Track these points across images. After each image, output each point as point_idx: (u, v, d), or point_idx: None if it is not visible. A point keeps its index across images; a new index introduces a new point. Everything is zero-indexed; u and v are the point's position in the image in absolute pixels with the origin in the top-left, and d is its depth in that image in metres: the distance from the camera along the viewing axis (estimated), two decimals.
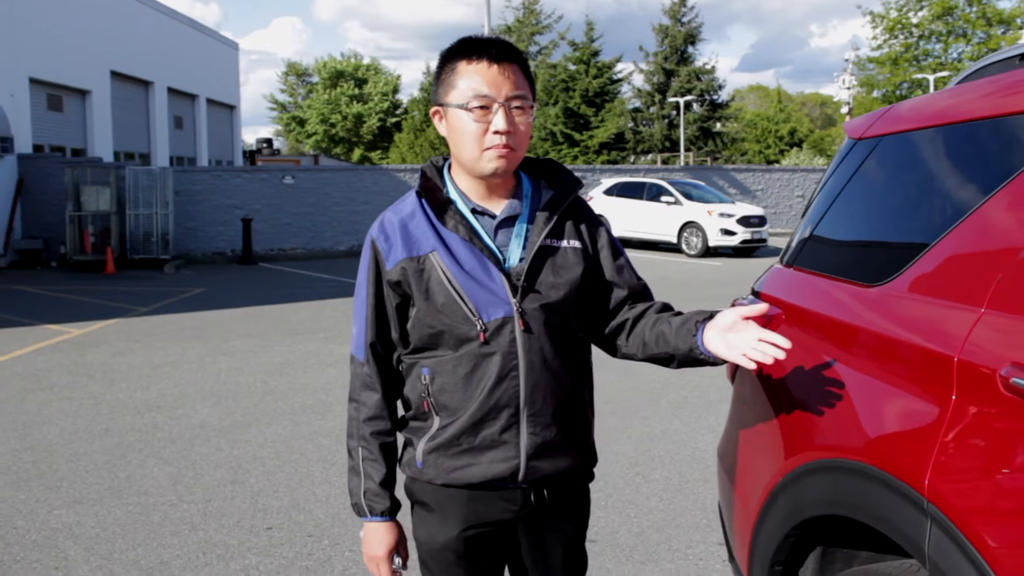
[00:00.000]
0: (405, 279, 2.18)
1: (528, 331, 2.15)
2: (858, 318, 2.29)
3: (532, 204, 2.25)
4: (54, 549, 4.64)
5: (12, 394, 8.14)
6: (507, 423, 2.18)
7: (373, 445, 2.27)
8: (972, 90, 2.27)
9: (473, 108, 2.11)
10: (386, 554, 2.29)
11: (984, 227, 1.99)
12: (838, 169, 2.77)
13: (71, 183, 20.44)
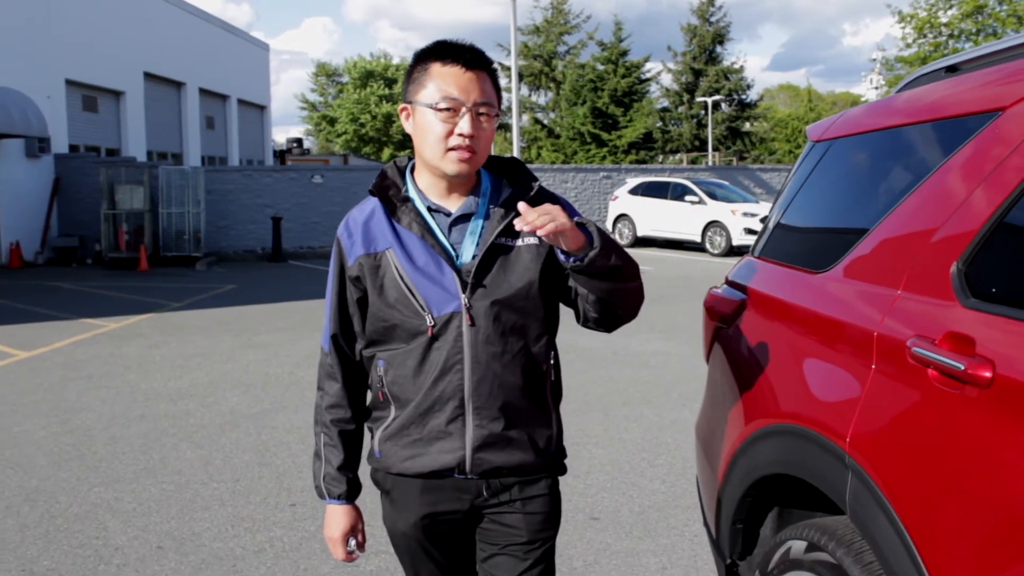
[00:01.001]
0: (362, 274, 2.26)
1: (474, 326, 2.20)
2: (805, 301, 2.59)
3: (490, 202, 2.29)
4: (95, 521, 5.01)
5: (53, 383, 8.55)
6: (452, 415, 2.24)
7: (332, 432, 2.37)
8: (901, 99, 2.57)
9: (441, 109, 2.16)
10: (341, 536, 2.39)
11: (902, 221, 2.29)
12: (800, 168, 3.08)
13: (106, 182, 20.96)
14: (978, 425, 1.81)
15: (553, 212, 2.02)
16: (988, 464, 1.77)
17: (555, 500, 2.39)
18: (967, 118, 2.20)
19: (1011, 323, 1.82)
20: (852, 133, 2.78)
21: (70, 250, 21.45)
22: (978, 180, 2.06)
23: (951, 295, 2.01)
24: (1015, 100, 2.05)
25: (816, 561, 2.35)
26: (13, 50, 20.64)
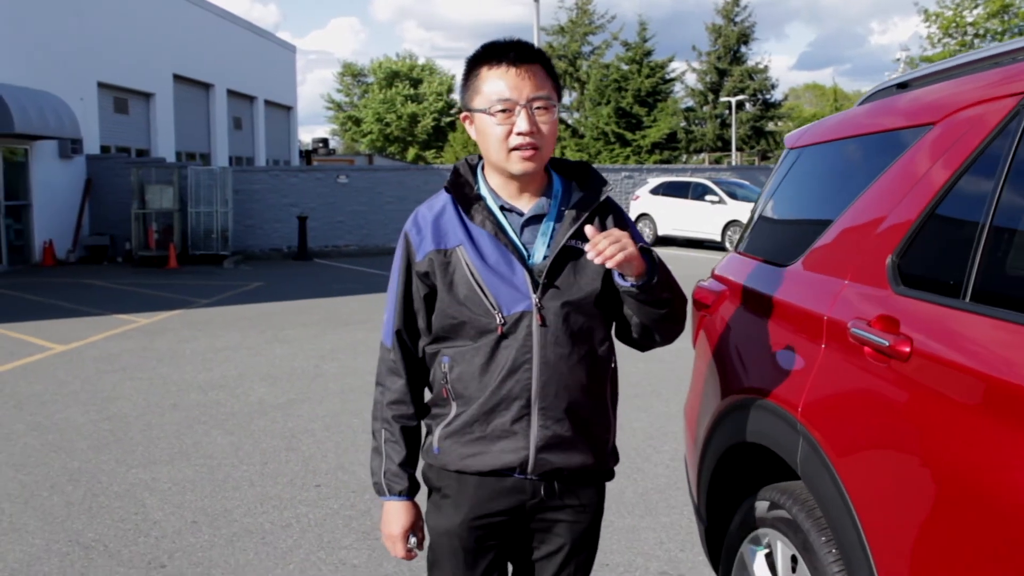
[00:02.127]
0: (432, 270, 2.26)
1: (545, 326, 2.21)
2: (772, 290, 2.91)
3: (561, 204, 2.30)
4: (133, 499, 5.38)
5: (90, 374, 8.95)
6: (518, 414, 2.23)
7: (395, 428, 2.35)
8: (859, 111, 2.88)
9: (496, 112, 2.17)
10: (402, 533, 2.37)
11: (851, 221, 2.61)
12: (776, 172, 3.40)
13: (136, 182, 21.45)
14: (901, 392, 2.13)
15: (623, 241, 2.05)
16: (909, 426, 2.09)
17: (601, 506, 2.44)
18: (907, 131, 2.52)
19: (929, 306, 2.14)
20: (818, 142, 3.10)
21: (101, 249, 21.96)
22: (911, 185, 2.38)
23: (886, 283, 2.33)
24: (944, 115, 2.36)
25: (776, 518, 2.67)
26: (47, 54, 21.17)
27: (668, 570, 4.40)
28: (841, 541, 2.29)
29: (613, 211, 2.35)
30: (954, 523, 1.89)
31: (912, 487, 2.04)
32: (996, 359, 1.88)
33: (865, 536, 2.18)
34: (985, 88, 2.24)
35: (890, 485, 2.12)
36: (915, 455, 2.05)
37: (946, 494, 1.93)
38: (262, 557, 4.53)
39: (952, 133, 2.29)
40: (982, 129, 2.17)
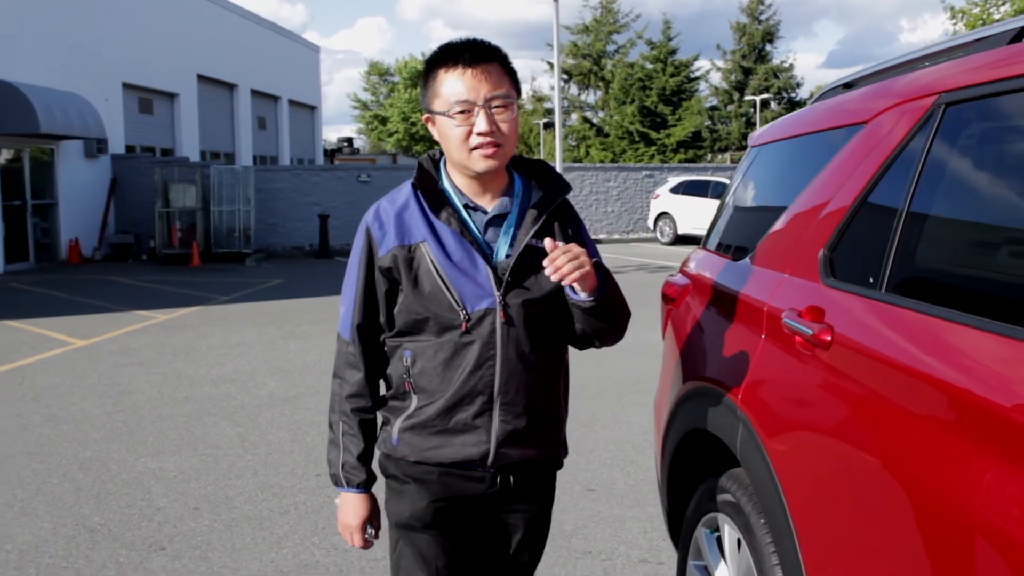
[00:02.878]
0: (395, 266, 2.27)
1: (508, 323, 2.24)
2: (725, 283, 3.04)
3: (522, 203, 2.33)
4: (140, 486, 5.57)
5: (107, 368, 9.19)
6: (480, 409, 2.28)
7: (353, 421, 2.38)
8: (808, 111, 3.02)
9: (455, 114, 2.20)
10: (359, 524, 2.42)
11: (791, 218, 2.75)
12: (738, 170, 3.53)
13: (160, 181, 21.77)
14: (824, 378, 2.26)
15: (581, 259, 2.11)
16: (830, 410, 2.22)
17: (550, 498, 2.54)
18: (841, 130, 2.65)
19: (851, 297, 2.28)
20: (772, 140, 3.24)
21: (126, 247, 22.30)
22: (842, 182, 2.51)
23: (817, 276, 2.47)
24: (873, 115, 2.49)
25: (724, 502, 2.81)
26: (73, 56, 21.51)
27: (648, 558, 4.53)
28: (772, 521, 2.43)
29: (569, 214, 2.39)
30: (867, 501, 2.02)
31: (831, 468, 2.18)
32: (904, 346, 2.01)
33: (791, 515, 2.31)
34: (906, 89, 2.38)
35: (813, 467, 2.25)
36: (835, 438, 2.18)
37: (860, 475, 2.06)
38: (258, 541, 4.71)
39: (877, 132, 2.42)
40: (902, 129, 2.30)
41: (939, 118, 2.17)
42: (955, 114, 2.13)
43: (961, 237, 2.08)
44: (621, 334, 2.41)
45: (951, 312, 1.89)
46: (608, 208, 28.63)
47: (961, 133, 2.12)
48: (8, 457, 6.21)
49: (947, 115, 2.15)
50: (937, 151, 2.15)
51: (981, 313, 1.82)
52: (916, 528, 1.83)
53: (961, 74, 2.15)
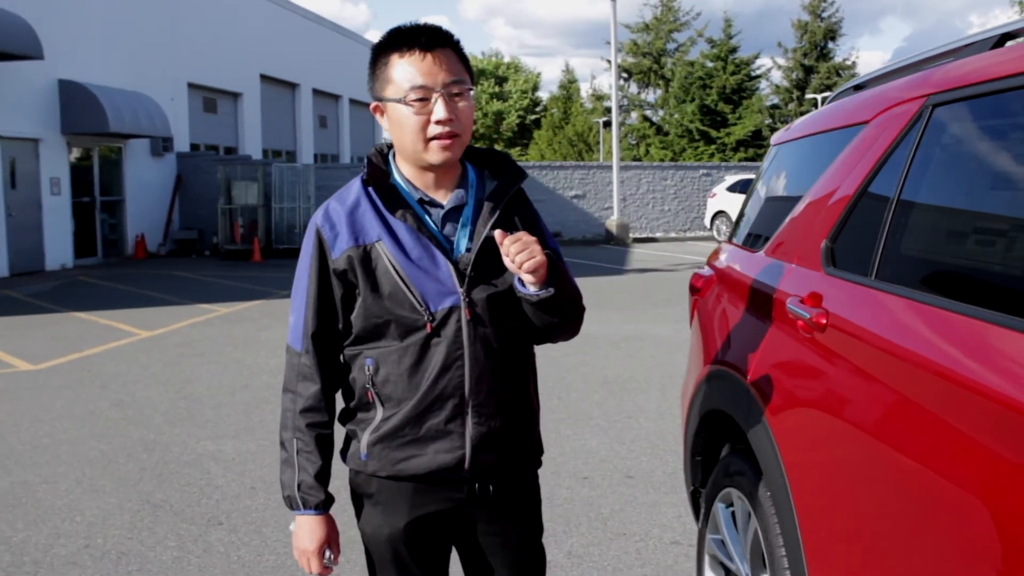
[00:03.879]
0: (351, 268, 2.14)
1: (474, 321, 2.14)
2: (743, 274, 3.23)
3: (477, 194, 2.21)
4: (200, 467, 5.88)
5: (172, 358, 9.57)
6: (452, 413, 2.16)
7: (308, 437, 2.20)
8: (823, 111, 3.19)
9: (412, 101, 2.07)
10: (317, 548, 2.24)
11: (801, 211, 2.92)
12: (761, 167, 3.70)
13: (223, 179, 22.31)
14: (820, 358, 2.45)
15: (532, 247, 2.01)
16: (825, 386, 2.41)
17: (536, 495, 2.40)
18: (847, 129, 2.83)
19: (846, 283, 2.46)
20: (791, 139, 3.41)
21: (190, 242, 22.90)
22: (844, 178, 2.69)
23: (819, 265, 2.65)
24: (873, 115, 2.67)
25: (736, 477, 2.99)
26: (141, 58, 22.13)
27: (680, 540, 4.71)
28: (776, 493, 2.61)
29: (525, 204, 2.29)
30: (858, 473, 2.20)
31: (827, 443, 2.36)
32: (887, 327, 2.19)
33: (790, 487, 2.50)
34: (901, 91, 2.55)
35: (811, 442, 2.44)
36: (830, 414, 2.36)
37: (852, 449, 2.24)
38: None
39: (876, 132, 2.59)
40: (895, 128, 2.48)
41: (927, 118, 2.34)
42: (941, 114, 2.31)
43: (939, 228, 2.25)
44: (573, 330, 2.28)
45: (930, 296, 2.06)
46: (665, 207, 28.69)
47: (945, 132, 2.29)
48: (78, 439, 6.56)
49: (934, 115, 2.32)
50: (924, 149, 2.32)
51: (956, 297, 1.99)
52: (898, 494, 2.01)
53: (947, 77, 2.32)
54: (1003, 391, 1.66)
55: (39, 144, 19.00)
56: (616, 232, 26.30)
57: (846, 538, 2.24)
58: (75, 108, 19.21)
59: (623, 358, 9.49)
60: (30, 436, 6.66)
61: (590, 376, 8.62)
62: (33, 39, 16.72)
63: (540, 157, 55.91)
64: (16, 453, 6.23)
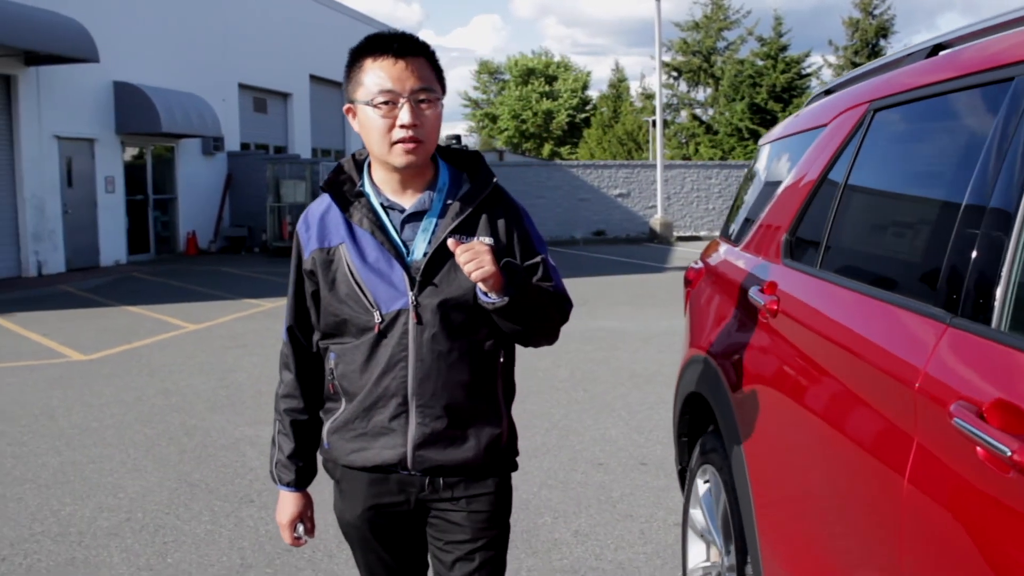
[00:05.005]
0: (315, 268, 2.27)
1: (421, 324, 2.20)
2: (724, 266, 3.47)
3: (447, 197, 2.26)
4: (236, 451, 6.22)
5: (216, 349, 9.97)
6: (395, 411, 2.24)
7: (285, 420, 2.40)
8: (800, 113, 3.42)
9: (379, 104, 2.14)
10: (288, 522, 2.45)
11: (772, 208, 3.16)
12: (750, 166, 3.94)
13: (272, 177, 22.80)
14: (772, 341, 2.69)
15: (482, 257, 2.06)
16: (775, 364, 2.65)
17: (501, 499, 2.38)
18: (812, 131, 3.06)
19: (797, 273, 2.70)
20: (774, 139, 3.65)
21: (239, 239, 23.44)
22: (802, 176, 2.92)
23: (779, 257, 2.89)
24: (831, 118, 2.90)
25: (711, 452, 3.24)
26: (193, 59, 22.69)
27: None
28: (735, 465, 2.86)
29: (503, 206, 2.30)
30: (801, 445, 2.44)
31: (776, 419, 2.60)
32: (823, 312, 2.43)
33: (746, 458, 2.75)
34: (852, 97, 2.78)
35: (764, 418, 2.68)
36: (780, 391, 2.61)
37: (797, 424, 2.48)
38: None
39: (831, 133, 2.83)
40: (844, 131, 2.71)
41: (869, 122, 2.57)
42: (881, 117, 2.54)
43: (868, 222, 2.49)
44: (547, 336, 2.33)
45: (859, 284, 2.30)
46: (709, 205, 28.76)
47: (883, 134, 2.53)
48: (124, 423, 6.94)
49: (875, 119, 2.56)
50: (865, 149, 2.56)
51: (878, 285, 2.23)
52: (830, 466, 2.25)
53: (887, 85, 2.56)
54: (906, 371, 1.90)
55: (94, 144, 19.61)
56: (660, 230, 26.44)
57: (792, 509, 2.48)
58: (129, 109, 19.80)
59: (653, 353, 9.71)
60: (80, 420, 7.06)
61: (618, 369, 8.85)
62: (89, 42, 17.28)
63: (590, 156, 55.99)
64: (67, 435, 6.62)
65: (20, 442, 6.46)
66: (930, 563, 1.72)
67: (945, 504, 1.67)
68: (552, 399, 7.57)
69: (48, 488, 5.48)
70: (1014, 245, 1.68)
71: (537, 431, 6.54)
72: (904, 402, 1.83)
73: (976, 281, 1.76)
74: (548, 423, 6.80)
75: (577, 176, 27.97)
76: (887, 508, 1.86)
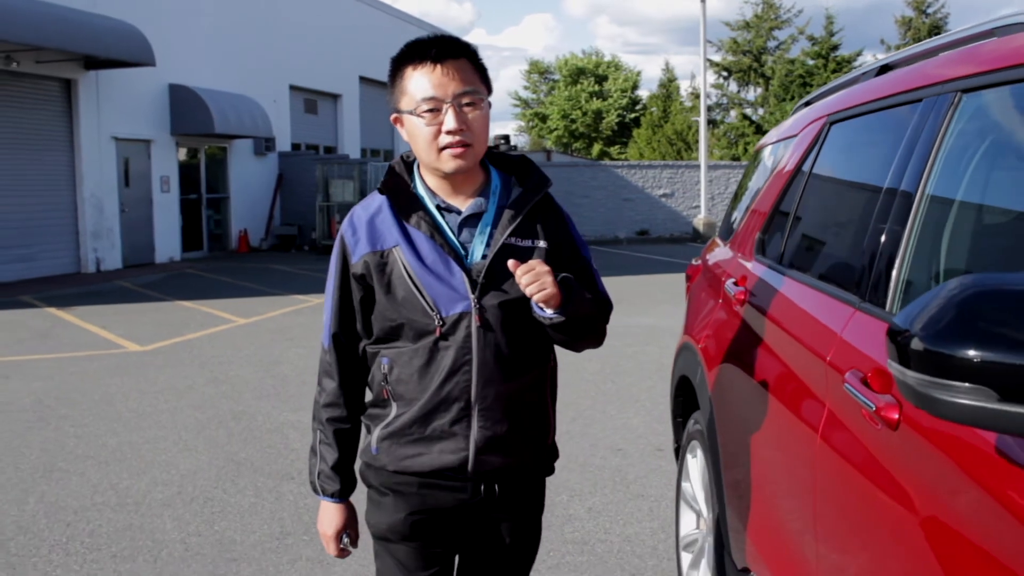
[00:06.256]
0: (368, 272, 2.21)
1: (484, 327, 2.17)
2: (713, 263, 3.82)
3: (500, 201, 2.25)
4: (280, 434, 6.67)
5: (264, 342, 10.46)
6: (458, 416, 2.20)
7: (328, 430, 2.33)
8: (784, 122, 3.77)
9: (423, 112, 2.13)
10: (334, 533, 2.38)
11: (752, 212, 3.51)
12: (746, 169, 4.29)
13: (321, 177, 23.38)
14: (740, 327, 3.04)
15: (544, 279, 2.06)
16: (741, 348, 3.00)
17: (541, 503, 2.44)
18: (788, 140, 3.41)
19: (764, 267, 3.05)
20: (764, 145, 3.99)
21: (290, 237, 24.05)
22: (775, 181, 3.27)
23: (752, 254, 3.24)
24: (800, 129, 3.25)
25: (697, 430, 3.59)
26: (245, 62, 23.34)
27: None
28: (710, 440, 3.21)
29: (552, 211, 2.32)
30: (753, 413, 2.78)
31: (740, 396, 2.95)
32: (772, 300, 2.78)
33: (718, 434, 3.10)
34: (817, 110, 3.13)
35: (731, 396, 3.04)
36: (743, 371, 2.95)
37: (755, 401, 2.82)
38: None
39: (799, 143, 3.18)
40: (807, 141, 3.06)
41: (825, 133, 2.92)
42: (835, 130, 2.89)
43: (817, 223, 2.84)
44: (594, 343, 2.34)
45: (804, 276, 2.65)
46: None
47: (835, 144, 2.87)
48: (177, 408, 7.42)
49: (831, 131, 2.90)
50: (821, 158, 2.90)
51: (820, 277, 2.58)
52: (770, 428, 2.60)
53: (841, 100, 2.90)
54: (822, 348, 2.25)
55: (151, 145, 20.29)
56: (703, 230, 26.64)
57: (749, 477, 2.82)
58: (184, 111, 20.47)
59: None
60: (136, 405, 7.56)
61: (647, 364, 9.18)
62: (146, 47, 17.92)
63: (639, 156, 56.02)
64: (124, 419, 7.12)
65: (82, 424, 6.97)
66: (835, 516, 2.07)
67: (844, 455, 2.02)
68: (581, 390, 7.94)
69: (107, 465, 5.96)
70: (906, 241, 2.03)
71: (563, 419, 6.88)
72: (820, 373, 2.19)
73: (880, 272, 2.11)
74: (574, 412, 7.18)
75: (622, 176, 28.26)
76: (805, 466, 2.21)
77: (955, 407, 1.19)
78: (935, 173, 2.02)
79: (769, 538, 2.55)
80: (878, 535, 1.81)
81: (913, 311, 1.25)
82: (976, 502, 1.46)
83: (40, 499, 5.32)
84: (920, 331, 1.21)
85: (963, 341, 1.17)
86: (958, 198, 2.00)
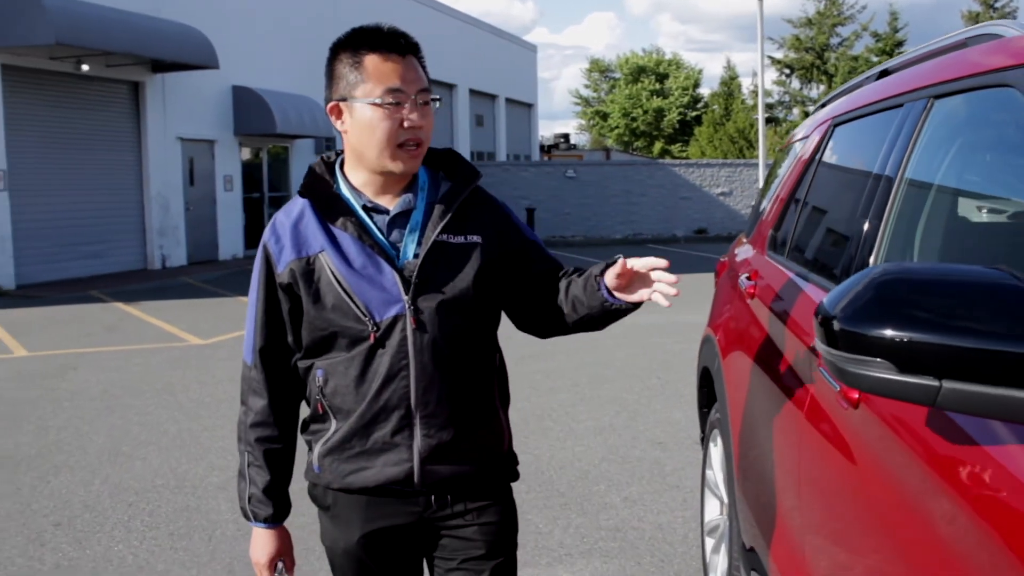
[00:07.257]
0: (295, 281, 2.09)
1: (420, 329, 2.06)
2: (734, 259, 3.98)
3: (428, 197, 2.15)
4: None
5: None
6: (398, 425, 2.08)
7: (258, 451, 2.18)
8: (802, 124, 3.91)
9: (387, 104, 2.02)
10: (267, 561, 2.22)
11: (769, 209, 3.67)
12: (770, 170, 4.44)
13: None
14: (750, 319, 3.21)
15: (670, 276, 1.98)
16: (751, 339, 3.17)
17: (510, 508, 2.27)
18: (802, 140, 3.56)
19: (772, 263, 3.21)
20: (785, 145, 4.14)
21: None
22: (788, 180, 3.43)
23: (765, 250, 3.40)
24: (810, 131, 3.40)
25: (716, 419, 3.76)
26: (306, 64, 23.75)
27: None
28: (724, 428, 3.37)
29: (485, 203, 2.23)
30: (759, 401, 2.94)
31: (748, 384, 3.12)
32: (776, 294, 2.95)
33: (730, 421, 3.27)
34: (825, 113, 3.28)
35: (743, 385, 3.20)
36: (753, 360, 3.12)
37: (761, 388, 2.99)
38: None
39: (808, 144, 3.34)
40: (815, 141, 3.22)
41: (830, 135, 3.08)
42: (838, 132, 3.04)
43: (815, 219, 3.00)
44: None
45: (802, 269, 2.81)
46: None
47: (835, 145, 3.03)
48: (234, 399, 7.59)
49: (834, 133, 3.06)
50: (824, 159, 3.06)
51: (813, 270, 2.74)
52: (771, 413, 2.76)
53: (844, 103, 3.06)
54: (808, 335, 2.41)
55: (214, 145, 20.84)
56: None
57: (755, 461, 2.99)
58: (246, 111, 20.98)
59: None
60: (197, 395, 7.90)
61: (693, 359, 9.27)
62: (210, 50, 18.42)
63: (700, 154, 55.82)
64: (185, 408, 7.45)
65: (145, 412, 7.32)
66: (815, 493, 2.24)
67: (823, 435, 2.19)
68: (626, 385, 8.11)
69: (168, 450, 6.28)
70: (882, 234, 2.19)
71: (607, 413, 7.10)
72: (806, 360, 2.36)
73: (859, 263, 2.27)
74: (619, 406, 7.35)
75: (679, 175, 28.29)
76: (793, 447, 2.38)
77: (864, 379, 1.36)
78: (908, 174, 2.18)
79: (766, 517, 2.72)
80: (848, 510, 1.98)
81: (836, 296, 1.42)
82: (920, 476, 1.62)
83: (105, 481, 5.64)
84: (839, 313, 1.39)
85: (873, 321, 1.35)
86: (930, 196, 2.15)
